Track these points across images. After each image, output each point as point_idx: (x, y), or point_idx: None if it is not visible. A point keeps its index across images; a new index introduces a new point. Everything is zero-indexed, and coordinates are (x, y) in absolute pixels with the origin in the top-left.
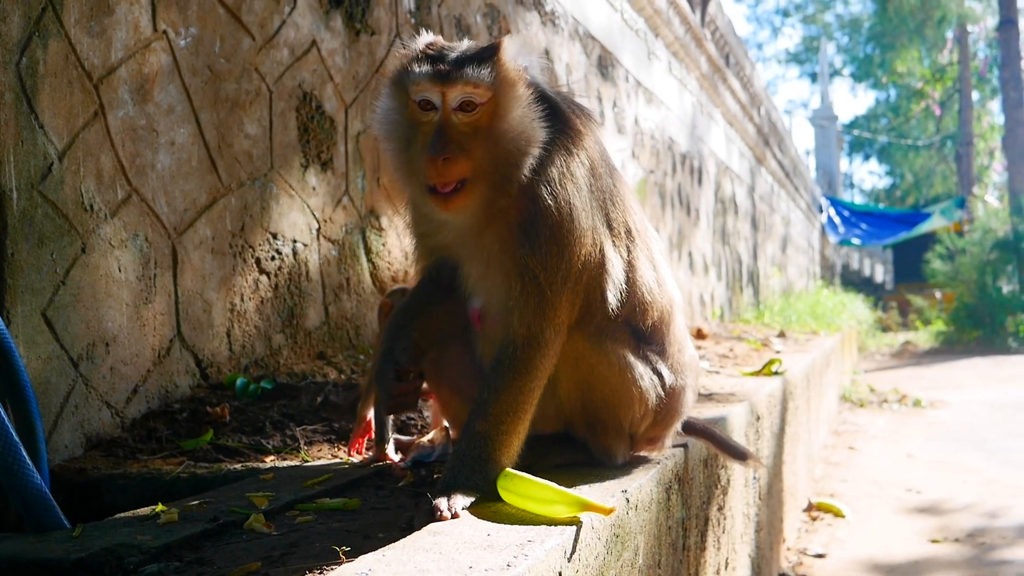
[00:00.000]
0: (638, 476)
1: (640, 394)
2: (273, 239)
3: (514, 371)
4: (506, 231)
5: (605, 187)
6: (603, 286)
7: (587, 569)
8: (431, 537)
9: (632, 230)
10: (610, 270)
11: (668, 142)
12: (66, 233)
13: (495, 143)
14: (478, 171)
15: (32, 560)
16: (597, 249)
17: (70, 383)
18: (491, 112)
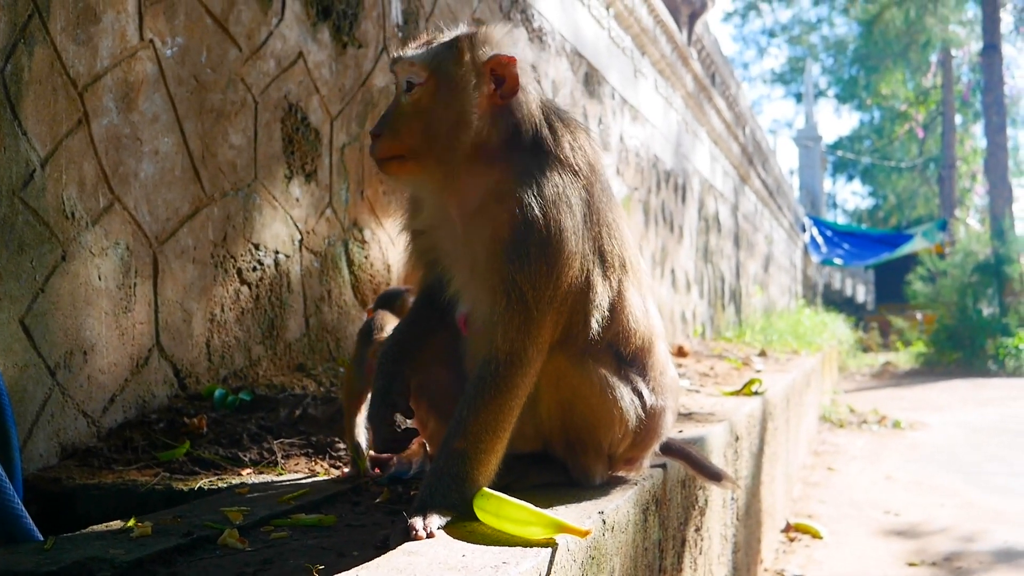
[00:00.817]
0: (615, 497)
1: (620, 415)
2: (255, 250)
3: (495, 389)
4: (495, 244)
5: (603, 220)
6: (587, 311)
7: None
8: (406, 557)
9: (626, 264)
10: (594, 298)
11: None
12: (46, 240)
13: (428, 123)
14: (413, 148)
15: (2, 573)
16: (584, 276)
17: (46, 391)
18: (431, 92)
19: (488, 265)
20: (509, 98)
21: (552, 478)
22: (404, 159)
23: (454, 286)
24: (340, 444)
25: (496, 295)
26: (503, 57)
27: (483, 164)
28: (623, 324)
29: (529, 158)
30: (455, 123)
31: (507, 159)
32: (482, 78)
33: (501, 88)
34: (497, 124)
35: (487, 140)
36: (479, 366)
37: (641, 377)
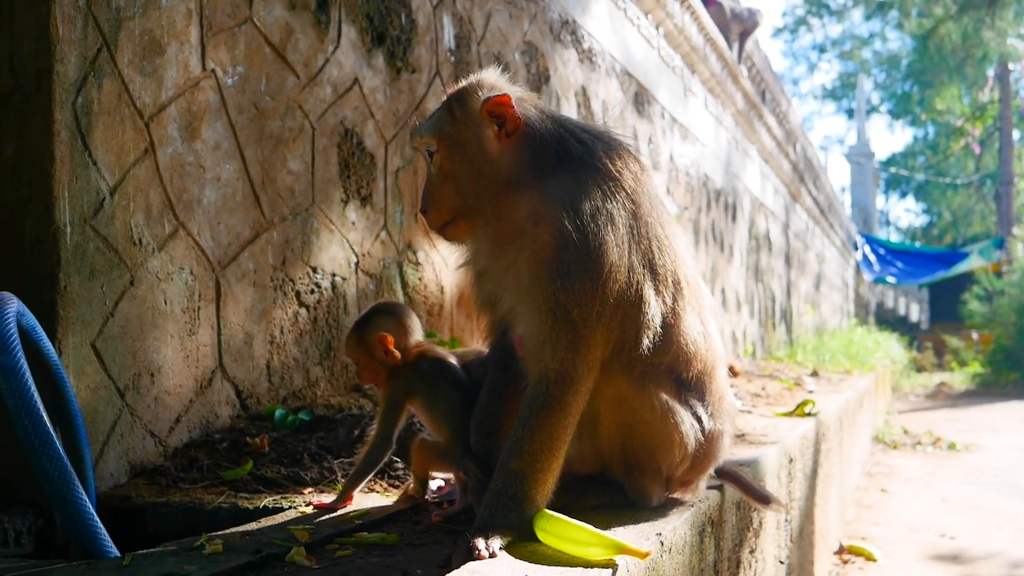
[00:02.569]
0: (672, 519)
1: (680, 439)
2: (313, 272)
3: (547, 408)
4: (537, 265)
5: (653, 234)
6: (638, 327)
7: None
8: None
9: (681, 282)
10: (646, 311)
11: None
12: (116, 266)
13: (455, 182)
14: (455, 209)
15: None
16: (634, 289)
17: (116, 412)
18: (445, 156)
19: (532, 287)
20: (515, 134)
21: (610, 499)
22: (454, 222)
23: (506, 308)
24: (399, 464)
25: (542, 315)
26: (494, 99)
27: (519, 195)
28: (680, 346)
29: (563, 176)
30: (475, 174)
31: (541, 183)
32: (482, 125)
33: (504, 127)
34: (517, 157)
35: (514, 174)
36: (532, 386)
37: (701, 402)
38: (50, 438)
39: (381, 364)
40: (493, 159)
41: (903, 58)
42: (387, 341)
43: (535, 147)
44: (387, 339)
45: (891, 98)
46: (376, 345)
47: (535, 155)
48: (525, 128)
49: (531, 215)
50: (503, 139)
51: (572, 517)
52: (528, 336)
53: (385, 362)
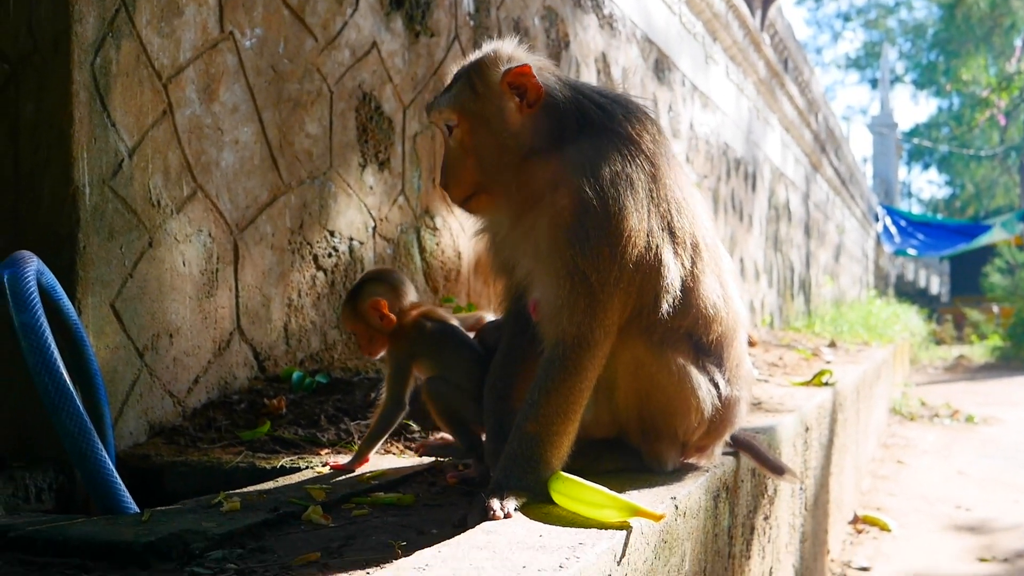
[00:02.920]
0: (688, 483)
1: (697, 404)
2: (331, 236)
3: (564, 372)
4: (555, 230)
5: (671, 197)
6: (656, 291)
7: (636, 573)
8: (485, 536)
9: (699, 244)
10: (665, 275)
11: (723, 147)
12: (134, 228)
13: (477, 156)
14: (477, 183)
15: (105, 542)
16: (653, 253)
17: (135, 372)
18: (466, 130)
19: (551, 252)
20: (537, 104)
21: (625, 464)
22: (476, 195)
23: (523, 274)
24: (414, 427)
25: (560, 280)
26: (515, 70)
27: (539, 163)
28: (699, 310)
29: (583, 142)
30: (498, 147)
31: (560, 150)
32: (503, 98)
33: (525, 98)
34: (538, 127)
35: (535, 144)
36: (548, 350)
37: (718, 367)
38: (70, 395)
39: (379, 331)
40: (515, 131)
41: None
42: (380, 305)
43: (555, 116)
44: (380, 303)
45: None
46: (370, 312)
47: (555, 124)
48: (546, 98)
49: (551, 181)
50: (524, 110)
51: (587, 480)
52: (545, 301)
53: (382, 328)
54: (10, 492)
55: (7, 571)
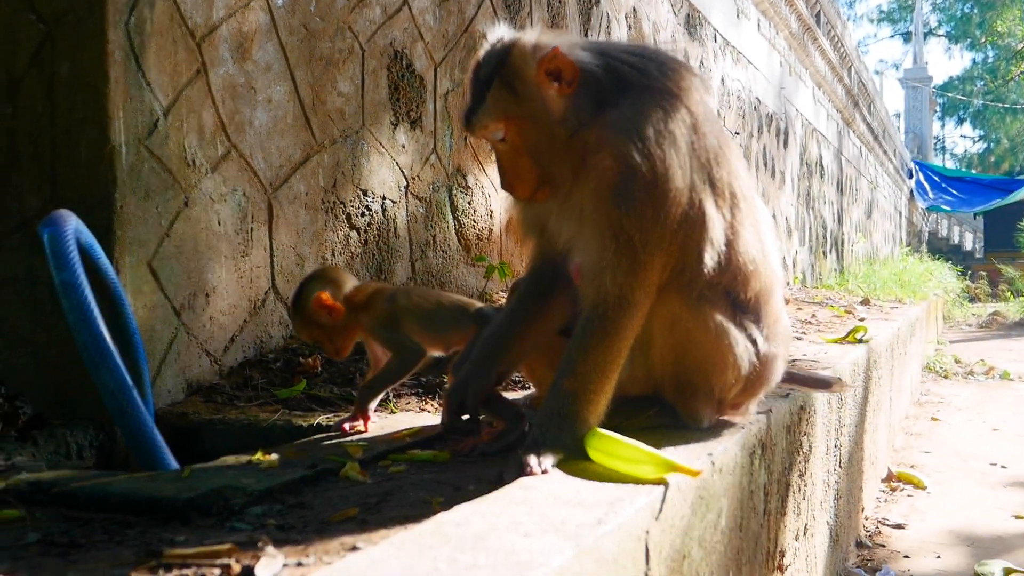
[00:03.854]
0: (724, 440)
1: (734, 360)
2: (363, 195)
3: (603, 331)
4: (600, 192)
5: (710, 146)
6: (700, 246)
7: (673, 529)
8: (522, 491)
9: (737, 195)
10: (709, 230)
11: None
12: (170, 187)
13: (532, 154)
14: (539, 177)
15: (146, 497)
16: (696, 208)
17: (173, 331)
18: (516, 133)
19: (595, 213)
20: (574, 82)
21: (661, 420)
22: (540, 188)
23: (565, 239)
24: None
25: (604, 241)
26: (547, 56)
27: (585, 135)
28: (738, 265)
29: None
30: (549, 138)
31: (601, 116)
32: (542, 87)
33: (562, 80)
34: (579, 103)
35: (580, 120)
36: (588, 309)
37: (756, 324)
38: (109, 352)
39: (334, 327)
40: (560, 116)
41: None
42: (323, 299)
43: (593, 86)
44: (321, 296)
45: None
46: (317, 310)
47: (594, 93)
48: (581, 72)
49: (594, 147)
50: (564, 91)
51: (623, 437)
52: (588, 263)
53: (335, 322)
54: (52, 449)
55: (50, 526)
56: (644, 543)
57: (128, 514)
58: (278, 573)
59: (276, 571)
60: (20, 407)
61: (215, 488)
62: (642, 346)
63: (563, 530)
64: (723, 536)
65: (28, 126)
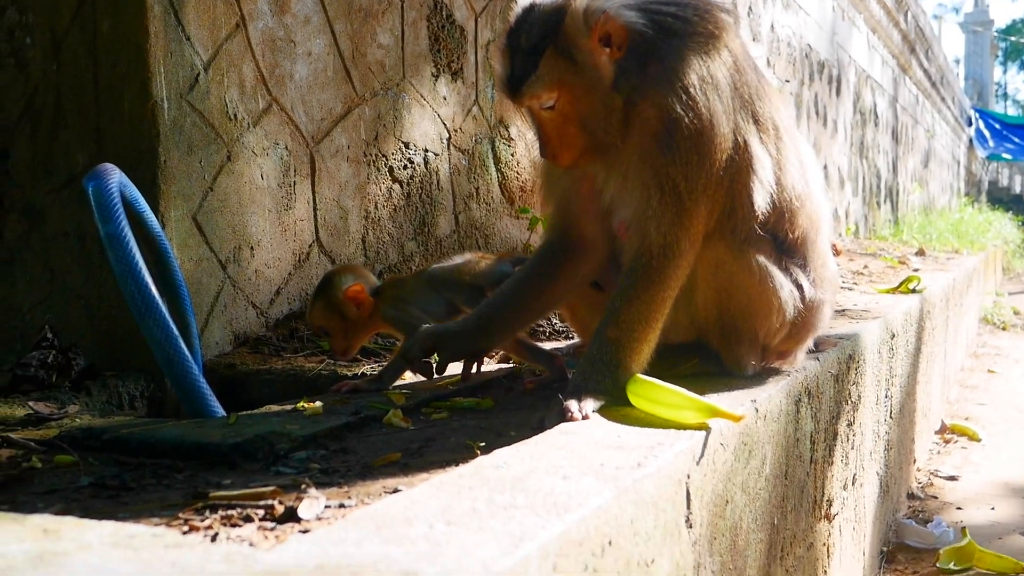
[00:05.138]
0: (768, 387)
1: (779, 305)
2: (405, 148)
3: (648, 280)
4: (644, 143)
5: (751, 82)
6: (750, 188)
7: (714, 474)
8: (563, 436)
9: (780, 128)
10: (758, 169)
11: (805, 50)
12: (212, 141)
13: (581, 122)
14: (586, 145)
15: (194, 443)
16: (742, 149)
17: (219, 284)
18: (567, 101)
19: (640, 165)
20: (624, 45)
21: (704, 367)
22: (585, 155)
23: (610, 197)
24: None
25: (650, 191)
26: (600, 22)
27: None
28: (783, 202)
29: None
30: (602, 105)
31: (644, 69)
32: (595, 53)
33: (612, 44)
34: (628, 65)
35: (630, 82)
36: (632, 259)
37: (801, 268)
38: (155, 303)
39: (355, 321)
40: (611, 81)
41: None
42: (358, 290)
43: (638, 44)
44: (358, 288)
45: None
46: (348, 302)
47: (639, 51)
48: (629, 34)
49: (639, 101)
50: (614, 55)
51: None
52: (632, 216)
53: (359, 316)
54: (104, 399)
55: (102, 471)
56: (685, 487)
57: (177, 459)
58: (320, 513)
59: (318, 511)
60: (73, 358)
61: (260, 434)
62: (685, 292)
63: (602, 472)
64: (767, 483)
65: (72, 83)
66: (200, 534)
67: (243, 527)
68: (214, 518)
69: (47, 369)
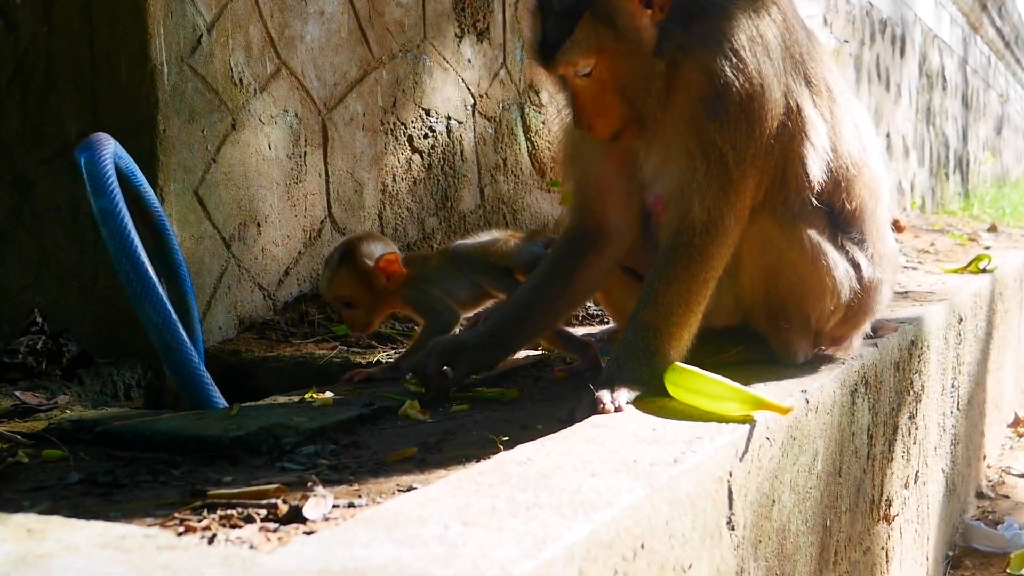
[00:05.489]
0: (820, 376)
1: (833, 285)
2: (426, 115)
3: (688, 259)
4: (690, 108)
5: (801, 40)
6: (803, 155)
7: (760, 471)
8: (593, 430)
9: (833, 89)
10: (811, 135)
11: (866, 7)
12: (216, 108)
13: (620, 90)
14: (625, 116)
15: (192, 436)
16: (794, 114)
17: (223, 263)
18: (606, 67)
19: (684, 133)
20: (667, 7)
21: (750, 354)
22: (625, 127)
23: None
24: None
25: (694, 160)
26: None
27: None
28: (837, 170)
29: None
30: (642, 72)
31: (688, 31)
32: (636, 15)
33: (653, 6)
34: (670, 28)
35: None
36: (671, 236)
37: (858, 244)
38: (152, 284)
39: (381, 294)
40: (652, 45)
41: None
42: (392, 259)
43: (680, 2)
44: (394, 257)
45: None
46: (378, 271)
47: (681, 10)
48: None
49: (683, 63)
50: (656, 17)
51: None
52: (672, 189)
53: (387, 288)
54: (98, 389)
55: (93, 466)
56: (726, 484)
57: (174, 453)
58: (327, 513)
59: (326, 511)
60: (64, 344)
61: (264, 426)
62: (730, 272)
63: (635, 469)
64: (818, 481)
65: (65, 46)
66: (197, 535)
67: (243, 528)
68: (212, 518)
69: (36, 356)
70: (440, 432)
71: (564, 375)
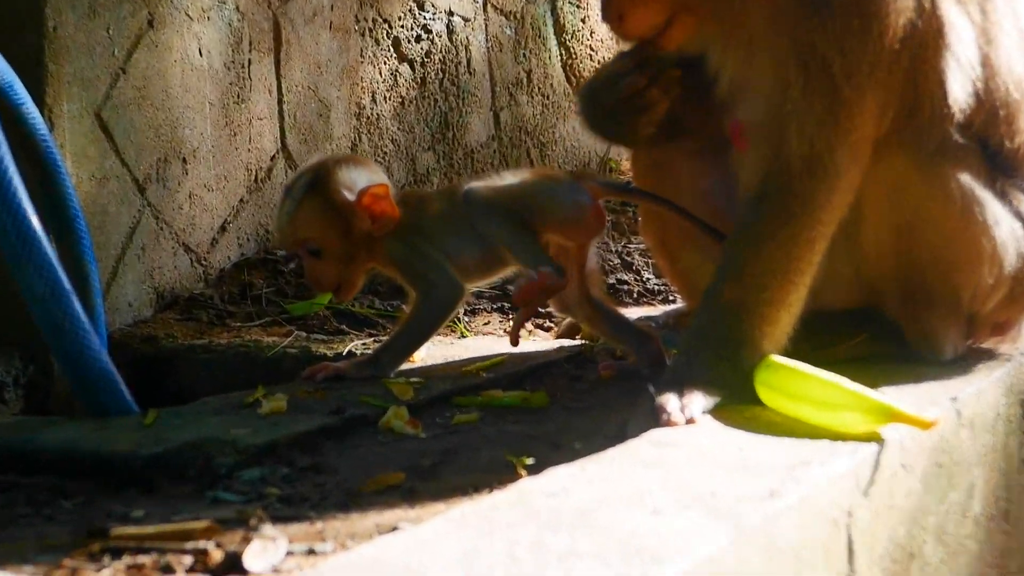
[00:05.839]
0: (977, 379)
1: (992, 250)
2: (419, 10)
3: (786, 212)
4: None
5: None
6: (940, 70)
7: (891, 510)
8: (654, 449)
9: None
10: (952, 42)
11: None
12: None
13: None
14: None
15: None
16: (927, 14)
17: (135, 214)
18: None
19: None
20: None
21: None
22: (672, 22)
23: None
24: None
25: (787, 72)
26: None
27: None
28: (995, 94)
29: None
30: None
31: None
32: None
33: None
34: None
35: None
36: (760, 182)
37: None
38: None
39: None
40: None
41: None
42: (382, 194)
43: None
44: (383, 191)
45: None
46: (360, 209)
47: None
48: None
49: None
50: None
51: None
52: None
53: (372, 231)
54: None
55: None
56: (845, 530)
57: (65, 476)
58: (278, 563)
59: (275, 560)
60: None
61: (191, 441)
62: (846, 229)
63: (714, 505)
64: (976, 527)
65: None
66: None
67: None
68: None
69: None
70: (438, 451)
71: (611, 374)
